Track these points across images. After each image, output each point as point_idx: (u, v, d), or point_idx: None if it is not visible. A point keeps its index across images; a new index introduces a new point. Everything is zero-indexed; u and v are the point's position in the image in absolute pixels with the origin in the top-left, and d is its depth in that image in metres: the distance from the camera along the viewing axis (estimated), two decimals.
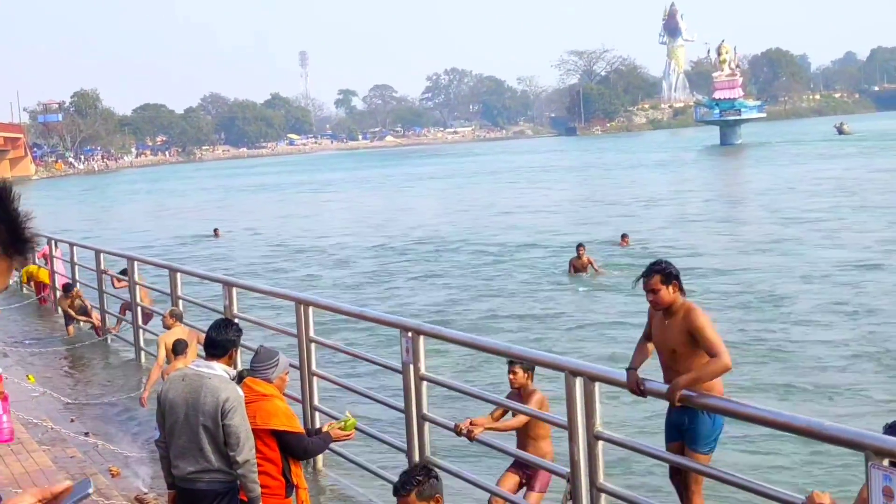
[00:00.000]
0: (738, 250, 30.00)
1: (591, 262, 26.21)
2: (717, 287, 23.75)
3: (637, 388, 6.65)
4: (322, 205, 61.18)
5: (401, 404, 9.06)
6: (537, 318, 21.58)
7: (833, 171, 61.80)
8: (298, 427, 7.31)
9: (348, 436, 7.77)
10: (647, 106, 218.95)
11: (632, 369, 6.82)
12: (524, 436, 8.95)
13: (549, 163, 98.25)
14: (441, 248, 35.01)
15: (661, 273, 6.88)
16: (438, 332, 8.82)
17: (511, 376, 8.85)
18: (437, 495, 5.64)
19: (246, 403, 7.07)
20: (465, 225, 42.01)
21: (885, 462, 5.12)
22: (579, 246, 26.66)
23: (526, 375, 8.81)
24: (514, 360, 8.75)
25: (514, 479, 9.07)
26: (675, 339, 6.82)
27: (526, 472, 9.01)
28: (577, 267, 26.29)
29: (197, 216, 55.36)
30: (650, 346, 7.25)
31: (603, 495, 6.91)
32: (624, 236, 31.82)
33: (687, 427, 7.22)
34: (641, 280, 7.06)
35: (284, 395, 10.18)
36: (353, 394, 11.27)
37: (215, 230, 43.48)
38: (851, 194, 45.76)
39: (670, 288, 6.81)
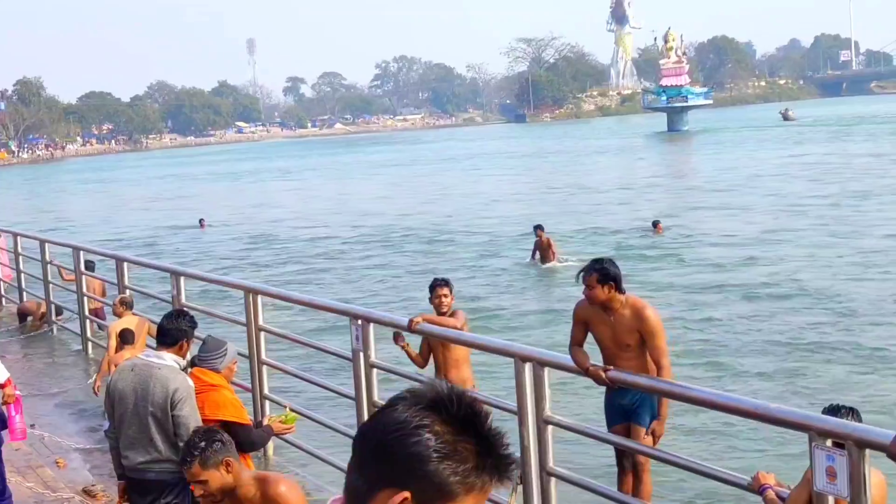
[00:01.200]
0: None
1: (551, 245, 25.41)
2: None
3: (603, 379, 6.70)
4: (288, 193, 60.15)
5: (351, 392, 9.06)
6: (491, 305, 21.63)
7: (783, 155, 62.56)
8: (246, 418, 7.28)
9: (289, 429, 7.74)
10: (595, 93, 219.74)
11: (588, 367, 6.88)
12: (446, 361, 8.98)
13: (501, 149, 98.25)
14: (400, 235, 34.85)
15: (598, 272, 7.00)
16: (389, 319, 8.82)
17: (443, 299, 8.86)
18: (226, 458, 5.47)
19: (196, 393, 7.04)
20: (424, 213, 41.78)
21: (829, 443, 5.20)
22: (537, 227, 25.78)
23: (452, 296, 8.95)
24: (442, 283, 8.83)
25: None
26: (626, 335, 6.88)
27: None
28: (539, 248, 25.54)
29: (170, 207, 54.12)
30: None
31: (553, 479, 6.96)
32: (656, 223, 30.86)
33: (634, 407, 7.28)
34: (582, 274, 7.23)
35: (234, 384, 10.15)
36: (304, 382, 11.27)
37: (200, 221, 41.81)
38: (800, 178, 46.36)
39: (605, 288, 6.90)
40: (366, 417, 8.78)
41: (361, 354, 8.77)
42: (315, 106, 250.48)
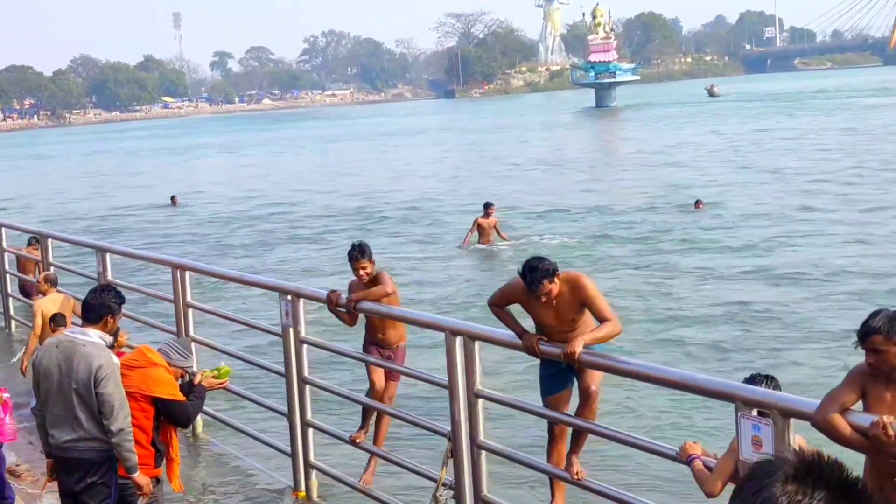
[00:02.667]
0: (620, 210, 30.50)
1: (496, 227, 24.38)
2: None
3: (535, 349, 6.66)
4: (244, 169, 58.14)
5: (281, 368, 9.02)
6: (424, 281, 21.63)
7: (705, 131, 63.24)
8: (181, 396, 7.21)
9: (222, 383, 7.69)
10: (524, 69, 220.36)
11: (523, 332, 6.82)
12: (382, 321, 8.90)
13: (434, 125, 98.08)
14: (337, 212, 34.54)
15: (548, 276, 6.62)
16: (318, 294, 8.77)
17: (362, 272, 8.75)
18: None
19: (134, 368, 6.97)
20: (361, 189, 41.36)
21: (754, 412, 5.28)
22: (488, 205, 24.54)
23: (372, 263, 8.81)
24: (358, 255, 8.72)
25: (379, 371, 9.06)
26: (569, 311, 6.76)
27: (385, 352, 9.06)
28: (481, 226, 24.44)
29: (123, 184, 52.16)
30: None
31: (483, 452, 6.99)
32: (697, 202, 29.50)
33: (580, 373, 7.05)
34: (533, 287, 6.76)
35: None
36: (233, 358, 11.18)
37: (172, 198, 39.75)
38: (727, 152, 46.94)
39: (556, 281, 6.67)
40: (296, 393, 8.75)
41: (291, 330, 8.73)
42: (242, 81, 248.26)
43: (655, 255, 22.60)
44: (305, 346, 8.78)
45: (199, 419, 10.66)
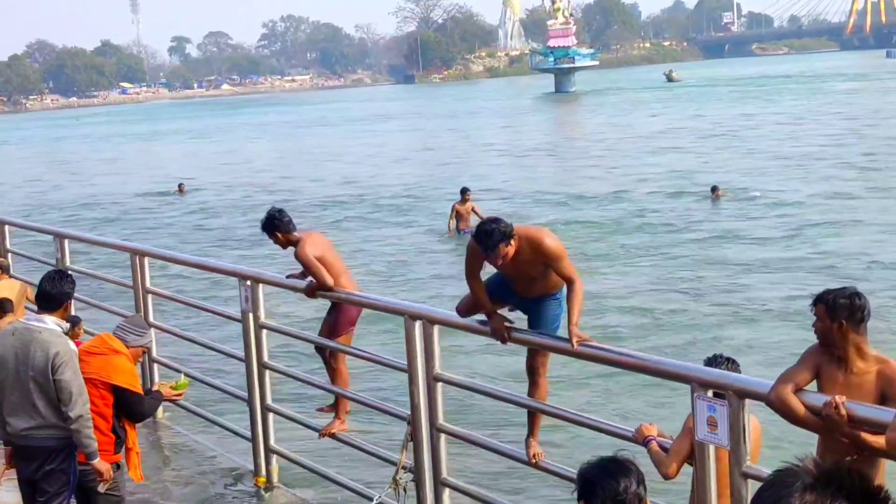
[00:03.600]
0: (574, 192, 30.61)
1: (476, 211, 23.60)
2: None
3: (503, 335, 6.55)
4: (221, 156, 57.18)
5: (241, 353, 9.02)
6: (392, 266, 21.62)
7: (661, 117, 63.53)
8: (140, 388, 7.19)
9: (179, 395, 7.69)
10: (483, 54, 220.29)
11: (493, 312, 6.64)
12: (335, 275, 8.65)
13: (402, 111, 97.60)
14: (344, 199, 34.14)
15: (504, 239, 6.48)
16: (278, 280, 8.76)
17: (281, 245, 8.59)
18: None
19: (94, 354, 6.94)
20: (354, 176, 40.93)
21: (709, 393, 5.35)
22: (465, 190, 24.16)
23: (282, 236, 8.55)
24: (263, 230, 8.51)
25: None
26: (532, 268, 6.65)
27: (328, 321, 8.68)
28: (459, 212, 23.99)
29: (108, 171, 50.96)
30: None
31: (443, 436, 7.03)
32: (714, 189, 28.19)
33: (533, 311, 6.84)
34: (490, 252, 6.61)
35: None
36: (194, 344, 11.17)
37: (180, 186, 38.15)
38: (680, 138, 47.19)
39: (512, 243, 6.55)
40: (256, 378, 8.76)
41: (251, 315, 8.73)
42: (201, 66, 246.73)
43: (683, 247, 22.25)
44: (265, 331, 8.78)
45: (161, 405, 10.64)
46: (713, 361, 5.76)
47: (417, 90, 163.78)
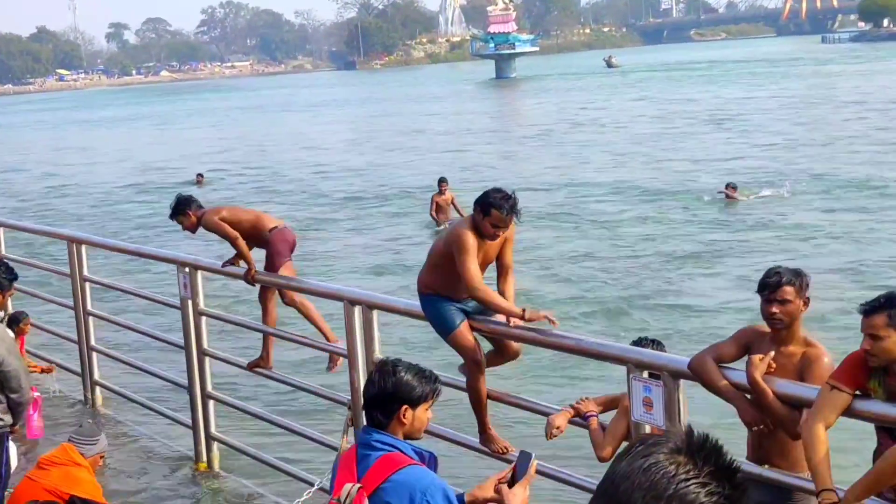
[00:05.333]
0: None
1: (454, 203, 22.71)
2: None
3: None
4: (199, 143, 54.44)
5: (180, 341, 8.99)
6: (343, 254, 21.56)
7: (598, 101, 63.94)
8: (101, 499, 6.99)
9: None
10: (424, 40, 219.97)
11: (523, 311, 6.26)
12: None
13: (351, 96, 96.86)
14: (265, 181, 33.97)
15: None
16: (216, 266, 8.72)
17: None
18: None
19: (56, 465, 6.72)
20: (289, 161, 40.81)
21: (645, 374, 5.43)
22: (441, 181, 23.17)
23: (185, 216, 8.51)
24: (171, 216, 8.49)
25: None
26: (493, 253, 6.53)
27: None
28: (438, 204, 22.90)
29: (91, 160, 48.05)
30: None
31: None
32: (729, 186, 24.98)
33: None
34: (516, 215, 6.22)
35: (59, 336, 9.94)
36: (132, 332, 11.12)
37: (198, 176, 35.32)
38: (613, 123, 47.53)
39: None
40: (195, 365, 8.73)
41: (190, 302, 8.70)
42: (139, 53, 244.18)
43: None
44: (204, 317, 8.76)
45: (99, 393, 10.59)
46: (639, 343, 5.86)
47: (358, 76, 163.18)
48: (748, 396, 5.12)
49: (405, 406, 4.28)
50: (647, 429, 5.45)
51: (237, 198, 30.05)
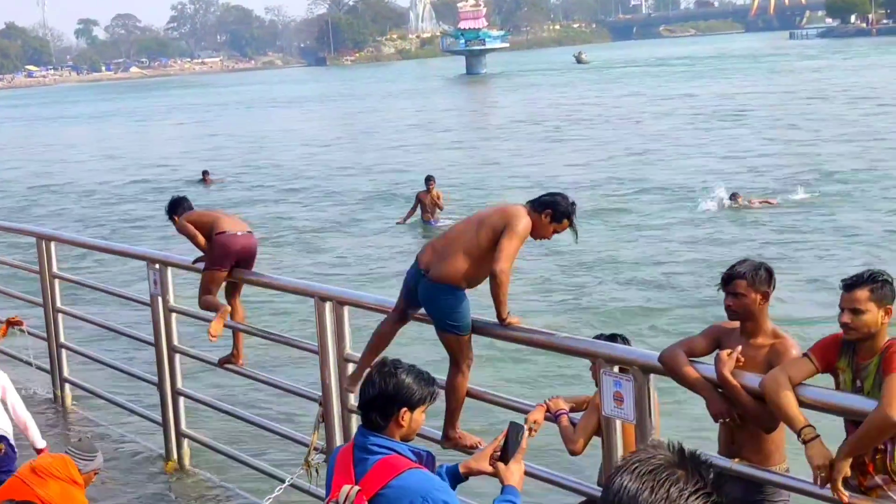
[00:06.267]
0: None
1: (440, 199, 22.47)
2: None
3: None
4: (201, 139, 53.30)
5: (151, 338, 8.95)
6: (319, 253, 21.45)
7: (568, 96, 64.04)
8: None
9: None
10: (395, 36, 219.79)
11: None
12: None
13: (316, 93, 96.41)
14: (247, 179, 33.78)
15: None
16: (187, 263, 8.68)
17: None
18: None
19: (55, 478, 6.59)
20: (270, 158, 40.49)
21: (615, 369, 5.46)
22: (429, 179, 22.60)
23: (174, 219, 8.49)
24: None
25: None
26: None
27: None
28: (423, 202, 22.45)
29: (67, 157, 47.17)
30: None
31: (354, 416, 7.05)
32: (735, 196, 22.93)
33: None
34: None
35: (30, 333, 9.88)
36: (102, 329, 11.05)
37: (204, 174, 33.68)
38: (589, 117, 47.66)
39: None
40: (165, 362, 8.69)
41: (160, 299, 8.66)
42: (109, 49, 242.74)
43: None
44: (174, 314, 8.73)
45: (69, 390, 10.53)
46: (604, 338, 5.89)
47: (330, 72, 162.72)
48: (719, 390, 5.15)
49: (405, 409, 4.24)
50: (618, 423, 5.48)
51: (246, 197, 29.87)
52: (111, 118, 77.01)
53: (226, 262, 8.01)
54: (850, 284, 4.90)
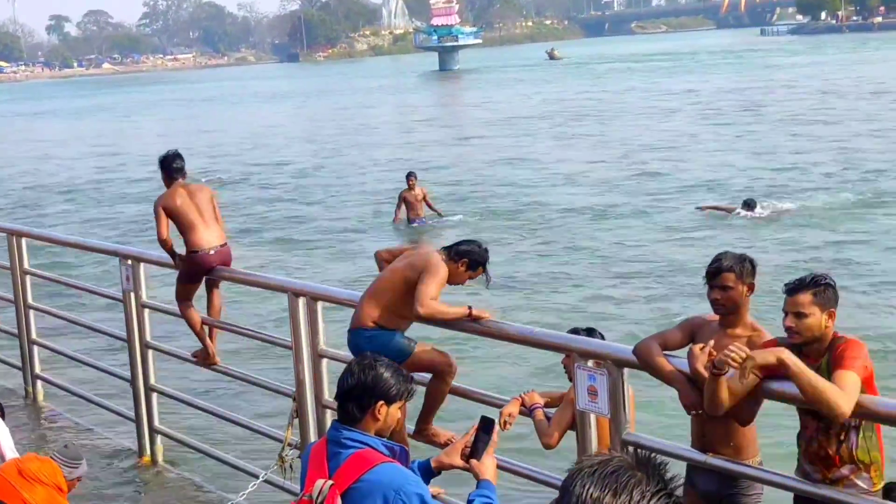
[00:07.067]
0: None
1: (426, 199, 21.61)
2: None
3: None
4: (198, 136, 51.17)
5: (123, 334, 8.90)
6: (296, 245, 21.41)
7: (541, 92, 64.10)
8: None
9: None
10: (368, 32, 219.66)
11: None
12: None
13: (293, 89, 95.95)
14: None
15: None
16: (159, 259, 8.63)
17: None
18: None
19: (42, 483, 6.54)
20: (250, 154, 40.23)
21: (590, 363, 5.46)
22: (409, 175, 21.73)
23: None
24: None
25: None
26: None
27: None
28: (407, 200, 21.47)
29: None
30: None
31: (328, 411, 7.04)
32: (748, 204, 21.02)
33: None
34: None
35: (2, 330, 9.80)
36: (75, 325, 10.99)
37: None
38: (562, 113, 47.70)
39: None
40: (138, 359, 8.65)
41: (132, 295, 8.62)
42: (81, 45, 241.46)
43: None
44: (147, 310, 8.69)
45: (41, 387, 10.46)
46: (576, 333, 5.89)
47: (302, 69, 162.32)
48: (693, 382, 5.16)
49: (381, 402, 4.26)
50: (592, 417, 5.48)
51: (245, 197, 29.34)
52: (93, 114, 75.90)
53: (197, 279, 8.10)
54: (793, 288, 4.93)
